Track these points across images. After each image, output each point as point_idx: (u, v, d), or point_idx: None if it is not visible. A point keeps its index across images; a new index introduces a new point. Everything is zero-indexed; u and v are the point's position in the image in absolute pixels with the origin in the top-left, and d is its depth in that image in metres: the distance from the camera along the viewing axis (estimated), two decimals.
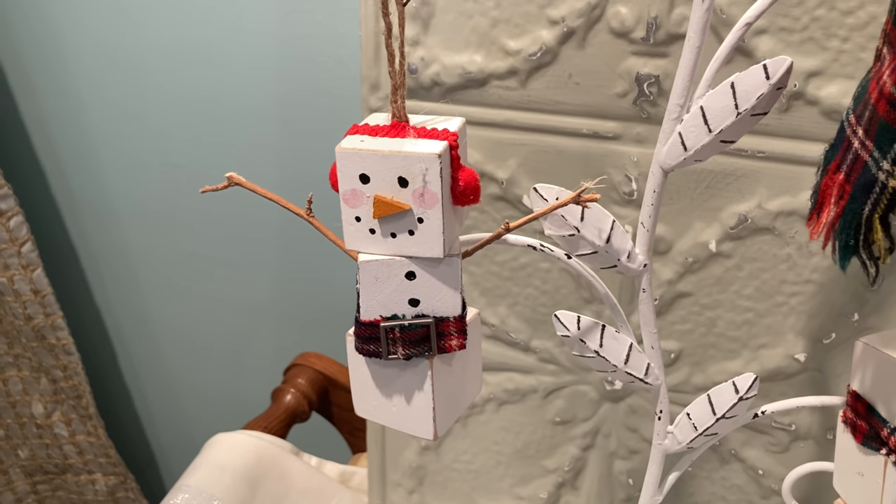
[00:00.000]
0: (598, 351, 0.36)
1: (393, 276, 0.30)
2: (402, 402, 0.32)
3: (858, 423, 0.35)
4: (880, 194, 0.27)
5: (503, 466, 0.58)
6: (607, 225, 0.33)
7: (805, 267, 0.46)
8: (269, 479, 0.62)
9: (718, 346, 0.49)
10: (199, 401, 0.95)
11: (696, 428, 0.38)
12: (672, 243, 0.48)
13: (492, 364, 0.55)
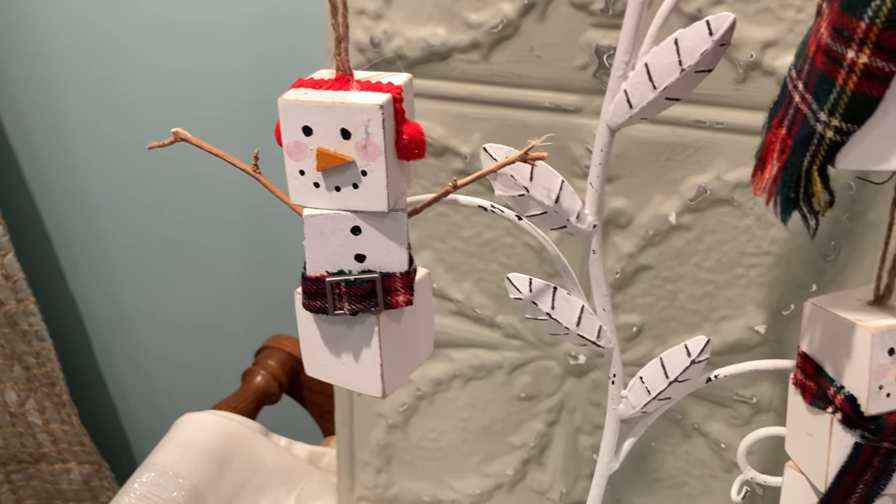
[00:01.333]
0: (549, 313, 0.36)
1: (338, 230, 0.30)
2: (350, 359, 0.32)
3: (807, 384, 0.36)
4: (818, 146, 0.28)
5: (470, 444, 0.58)
6: (556, 185, 0.33)
7: (764, 238, 0.46)
8: (237, 458, 0.62)
9: (680, 320, 0.50)
10: (174, 386, 0.94)
11: (650, 392, 0.38)
12: (633, 216, 0.48)
13: (457, 340, 0.56)
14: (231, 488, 0.61)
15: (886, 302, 0.34)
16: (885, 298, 0.34)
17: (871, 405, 0.33)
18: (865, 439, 0.34)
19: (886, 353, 0.33)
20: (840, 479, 0.35)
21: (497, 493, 0.59)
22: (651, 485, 0.55)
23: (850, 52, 0.26)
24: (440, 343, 0.56)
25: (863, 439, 0.34)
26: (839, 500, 0.35)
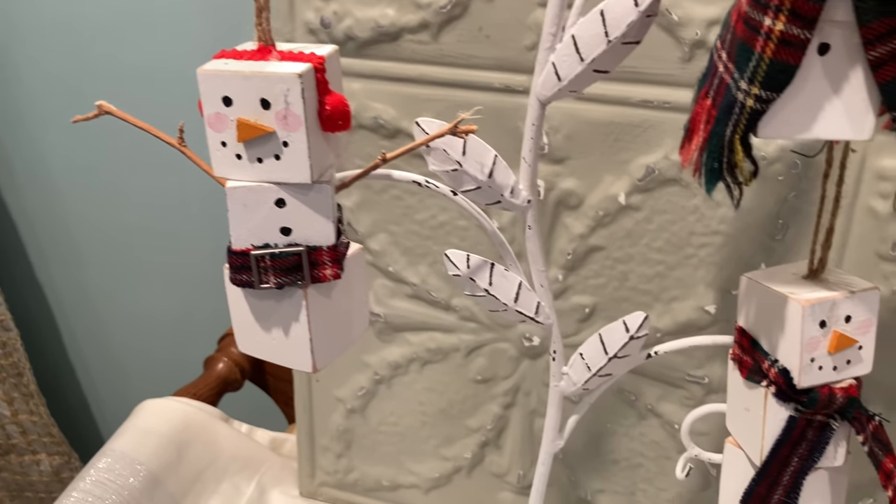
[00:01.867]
0: (487, 289, 0.36)
1: (262, 203, 0.30)
2: (280, 334, 0.32)
3: (744, 359, 0.36)
4: (739, 114, 0.28)
5: (428, 427, 0.58)
6: (489, 159, 0.33)
7: (712, 218, 0.46)
8: (196, 444, 0.62)
9: (631, 300, 0.50)
10: (144, 374, 0.94)
11: (590, 368, 0.38)
12: (583, 197, 0.48)
13: (414, 324, 0.55)
14: (190, 474, 0.60)
15: (820, 276, 0.34)
16: (819, 272, 0.34)
17: (803, 378, 0.33)
18: (799, 412, 0.34)
19: (818, 326, 0.33)
20: (775, 453, 0.35)
21: (456, 476, 0.59)
22: (608, 467, 0.55)
23: (767, 19, 0.26)
24: (398, 327, 0.56)
25: (796, 412, 0.34)
26: (774, 474, 0.35)
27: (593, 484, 0.56)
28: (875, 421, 0.35)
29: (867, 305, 0.33)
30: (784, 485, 0.35)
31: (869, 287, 0.33)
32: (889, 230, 0.43)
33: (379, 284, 0.55)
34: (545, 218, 0.49)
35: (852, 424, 0.34)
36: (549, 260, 0.50)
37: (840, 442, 0.35)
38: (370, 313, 0.56)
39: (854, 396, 0.34)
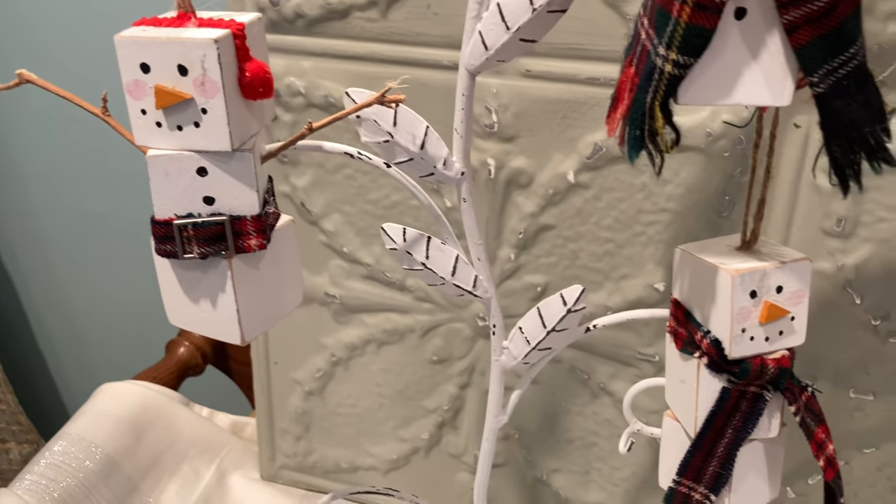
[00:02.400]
0: (424, 263, 0.36)
1: (184, 171, 0.29)
2: (208, 305, 0.32)
3: (679, 331, 0.36)
4: (659, 80, 0.28)
5: (386, 409, 0.58)
6: (421, 130, 0.33)
7: (660, 195, 0.46)
8: (154, 427, 0.61)
9: (582, 279, 0.50)
10: (113, 361, 0.93)
11: (529, 342, 0.38)
12: (533, 176, 0.48)
13: (370, 305, 0.55)
14: (148, 457, 0.60)
15: (752, 247, 0.34)
16: (752, 243, 0.34)
17: (734, 348, 0.33)
18: (732, 383, 0.34)
19: (748, 296, 0.33)
20: (709, 424, 0.35)
21: (414, 457, 0.59)
22: (562, 446, 0.55)
23: None
24: (353, 308, 0.56)
25: (729, 384, 0.34)
26: (708, 445, 0.35)
27: (549, 463, 0.56)
28: (808, 392, 0.35)
29: (798, 276, 0.33)
30: (719, 456, 0.35)
31: (800, 257, 0.34)
32: (833, 206, 0.43)
33: (334, 265, 0.55)
34: (496, 197, 0.49)
35: (784, 395, 0.34)
36: (501, 239, 0.50)
37: (774, 413, 0.35)
38: (325, 294, 0.55)
39: (786, 367, 0.34)
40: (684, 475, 0.36)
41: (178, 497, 0.60)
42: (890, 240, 0.43)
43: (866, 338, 0.46)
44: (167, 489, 0.60)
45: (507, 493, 0.58)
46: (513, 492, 0.58)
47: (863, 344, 0.46)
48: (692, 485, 0.36)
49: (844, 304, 0.45)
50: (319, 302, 0.56)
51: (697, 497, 0.36)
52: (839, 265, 0.44)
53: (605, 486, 0.55)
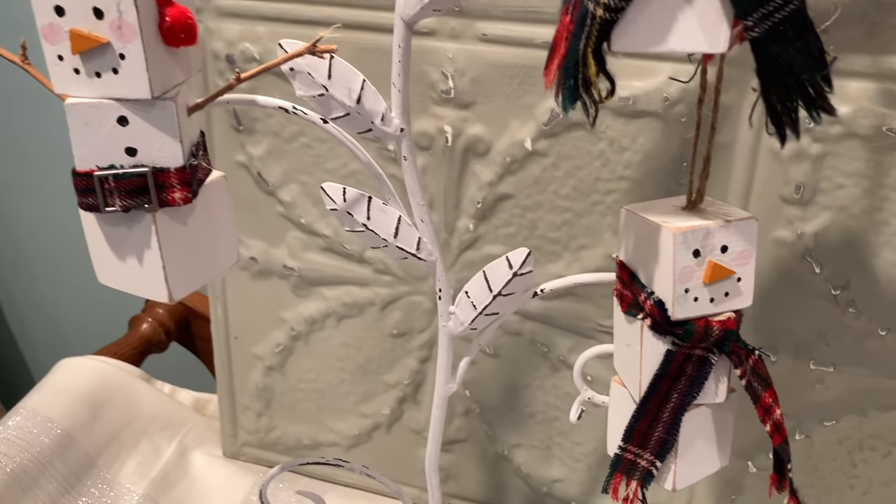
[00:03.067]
0: (366, 224, 0.35)
1: (104, 120, 0.28)
2: (135, 262, 0.31)
3: (624, 293, 0.35)
4: (591, 26, 0.27)
5: (347, 384, 0.58)
6: (357, 84, 0.32)
7: (618, 163, 0.45)
8: (113, 403, 0.61)
9: (541, 249, 0.49)
10: (85, 340, 0.92)
11: (476, 307, 0.37)
12: (491, 143, 0.47)
13: (328, 277, 0.54)
14: (106, 433, 0.59)
15: (698, 206, 0.34)
16: (697, 203, 0.34)
17: (677, 309, 0.32)
18: (676, 346, 0.33)
19: (691, 255, 0.32)
20: (654, 388, 0.34)
21: (375, 433, 0.59)
22: (524, 421, 0.54)
23: None
24: (313, 281, 0.55)
25: (674, 346, 0.33)
26: (654, 410, 0.34)
27: (510, 438, 0.55)
28: (755, 355, 0.34)
29: (744, 235, 0.32)
30: (664, 421, 0.34)
31: (746, 217, 0.33)
32: (792, 172, 0.43)
33: (292, 237, 0.54)
34: (454, 166, 0.48)
35: (730, 358, 0.33)
36: (460, 210, 0.49)
37: (721, 377, 0.34)
38: (284, 267, 0.55)
39: (731, 329, 0.33)
40: (630, 441, 0.35)
41: (137, 473, 0.59)
42: (849, 207, 0.43)
43: (826, 308, 0.45)
44: (126, 465, 0.59)
45: (469, 470, 0.57)
46: (475, 468, 0.57)
47: (823, 314, 0.45)
48: (638, 451, 0.35)
49: (804, 273, 0.45)
50: (278, 275, 0.55)
51: (643, 463, 0.35)
52: (798, 233, 0.44)
53: (566, 461, 0.54)
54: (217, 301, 0.58)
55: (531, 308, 0.51)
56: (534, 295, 0.38)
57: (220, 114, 0.52)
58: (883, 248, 0.43)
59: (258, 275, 0.56)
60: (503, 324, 0.52)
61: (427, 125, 0.48)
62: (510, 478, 0.56)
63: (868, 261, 0.44)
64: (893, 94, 0.40)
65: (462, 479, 0.58)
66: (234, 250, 0.34)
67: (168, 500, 0.59)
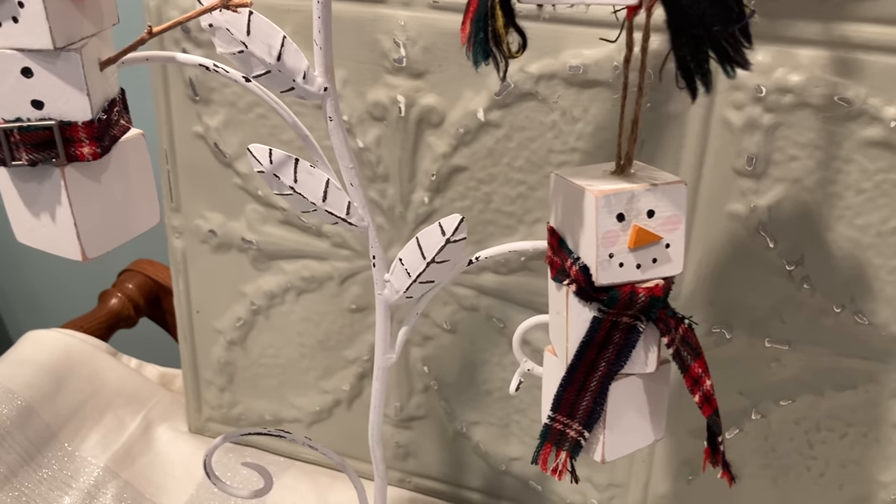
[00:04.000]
0: (293, 187, 0.35)
1: (7, 71, 0.28)
2: (48, 219, 0.30)
3: (554, 260, 0.34)
4: None
5: (307, 359, 0.57)
6: (277, 41, 0.32)
7: (570, 134, 0.45)
8: (76, 376, 0.60)
9: (497, 223, 0.48)
10: (58, 315, 0.93)
11: (410, 274, 0.37)
12: (444, 114, 0.47)
13: (287, 251, 0.54)
14: (69, 406, 0.59)
15: (627, 171, 0.33)
16: (626, 167, 0.33)
17: (601, 275, 0.32)
18: (602, 313, 0.32)
19: (615, 219, 0.31)
20: (581, 356, 0.33)
21: (336, 410, 0.58)
22: (482, 398, 0.54)
23: None
24: (271, 255, 0.55)
25: (600, 313, 0.32)
26: (581, 378, 0.34)
27: (468, 416, 0.54)
28: (685, 324, 0.33)
29: (672, 200, 0.32)
30: (592, 390, 0.34)
31: (674, 180, 0.32)
32: (744, 143, 0.42)
33: (250, 210, 0.54)
34: (408, 137, 0.48)
35: (657, 326, 0.33)
36: (415, 182, 0.49)
37: (650, 346, 0.33)
38: (243, 240, 0.54)
39: (658, 296, 0.32)
40: (558, 411, 0.35)
41: (100, 446, 0.59)
42: (802, 179, 0.42)
43: (781, 283, 0.44)
44: (88, 438, 0.59)
45: (428, 447, 0.57)
46: (434, 446, 0.57)
47: (778, 290, 0.44)
48: (567, 421, 0.34)
49: (758, 248, 0.44)
50: (237, 248, 0.55)
51: (572, 434, 0.34)
52: (752, 206, 0.43)
53: (524, 439, 0.54)
54: (179, 274, 0.58)
55: (486, 283, 0.50)
56: (469, 263, 0.37)
57: (177, 84, 0.51)
58: (837, 223, 0.42)
59: (218, 248, 0.55)
60: (458, 299, 0.51)
61: (380, 95, 0.47)
62: (469, 456, 0.56)
63: (822, 235, 0.43)
64: (846, 63, 0.39)
65: (422, 457, 0.57)
66: (154, 210, 0.33)
67: (130, 473, 0.58)
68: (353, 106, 0.48)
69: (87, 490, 0.56)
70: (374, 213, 0.51)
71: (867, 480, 0.47)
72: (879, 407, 0.45)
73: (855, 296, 0.43)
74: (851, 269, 0.43)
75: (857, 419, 0.46)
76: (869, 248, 0.42)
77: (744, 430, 0.48)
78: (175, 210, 0.55)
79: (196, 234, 0.56)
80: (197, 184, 0.54)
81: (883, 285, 0.43)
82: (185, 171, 0.54)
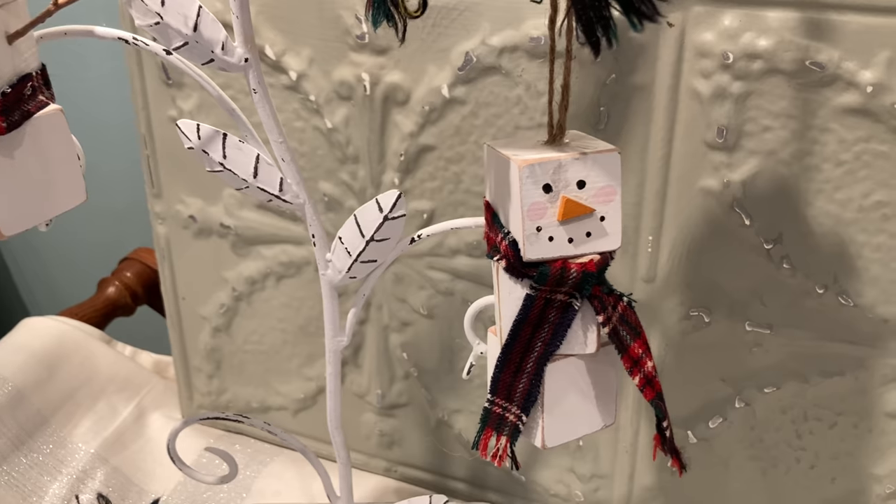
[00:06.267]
0: (222, 163, 0.34)
1: None
2: None
3: (489, 236, 0.33)
4: None
5: (290, 346, 0.57)
6: (193, 11, 0.31)
7: (536, 109, 0.43)
8: (69, 363, 0.61)
9: (467, 204, 0.47)
10: (56, 302, 0.94)
11: (350, 253, 0.36)
12: (410, 92, 0.45)
13: (265, 236, 0.53)
14: (61, 392, 0.60)
15: (559, 140, 0.31)
16: (558, 136, 0.31)
17: (528, 249, 0.30)
18: (535, 290, 0.31)
19: (540, 190, 0.30)
20: (515, 335, 0.32)
21: (320, 396, 0.57)
22: (462, 385, 0.52)
23: None
24: (250, 240, 0.54)
25: (532, 290, 0.31)
26: (517, 359, 0.32)
27: (450, 403, 0.53)
28: (623, 302, 0.31)
29: (604, 169, 0.30)
30: (528, 372, 0.32)
31: (606, 148, 0.30)
32: (713, 114, 0.39)
33: (227, 194, 0.53)
34: (375, 116, 0.47)
35: (591, 303, 0.31)
36: (385, 163, 0.48)
37: (589, 326, 0.32)
38: (221, 225, 0.54)
39: (591, 272, 0.30)
40: (496, 393, 0.33)
41: (91, 432, 0.59)
42: (777, 152, 0.39)
43: (760, 263, 0.42)
44: (80, 424, 0.60)
45: (411, 436, 0.56)
46: (417, 434, 0.55)
47: (756, 270, 0.42)
48: (505, 404, 0.33)
49: (734, 225, 0.41)
50: (217, 234, 0.55)
51: (511, 418, 0.33)
52: (725, 182, 0.41)
53: None
54: (164, 261, 0.57)
55: (460, 266, 0.49)
56: (411, 241, 0.36)
57: (150, 68, 0.51)
58: (816, 197, 0.39)
59: (198, 234, 0.55)
60: (434, 283, 0.50)
61: (346, 73, 0.46)
62: (452, 444, 0.55)
63: (801, 211, 0.40)
64: (817, 25, 0.37)
65: (406, 446, 0.56)
66: (80, 189, 0.33)
67: (119, 459, 0.59)
68: (319, 86, 0.47)
69: (75, 475, 0.56)
70: (347, 197, 0.50)
71: (860, 473, 0.44)
72: (869, 395, 0.42)
73: (838, 275, 0.41)
74: (833, 247, 0.40)
75: (846, 408, 0.43)
76: (851, 224, 0.39)
77: (728, 419, 0.46)
78: (156, 196, 0.55)
79: (177, 220, 0.55)
80: (176, 169, 0.54)
81: (867, 264, 0.40)
82: (164, 156, 0.54)
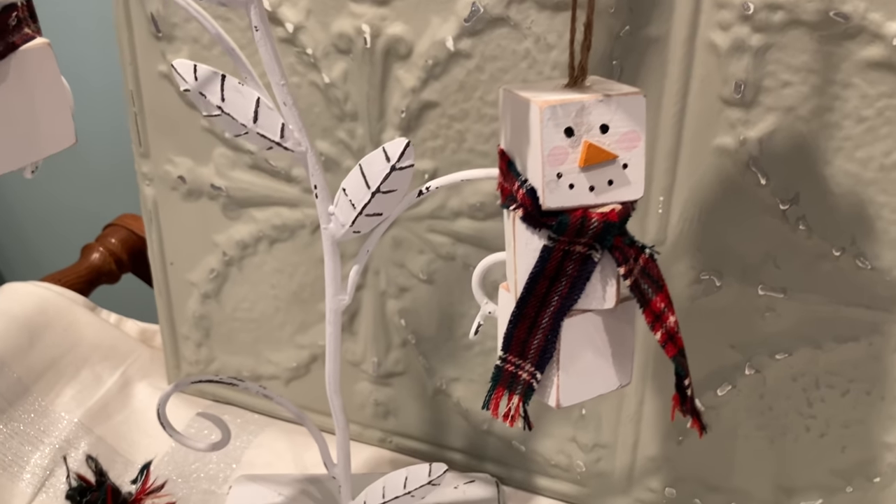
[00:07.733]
0: (220, 106, 0.32)
1: None
2: None
3: (504, 185, 0.31)
4: None
5: (282, 313, 0.55)
6: None
7: (545, 63, 0.41)
8: (51, 329, 0.59)
9: (471, 164, 0.45)
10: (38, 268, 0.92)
11: (354, 206, 0.34)
12: (412, 45, 0.43)
13: (257, 198, 0.51)
14: (43, 359, 0.58)
15: (581, 83, 0.29)
16: (580, 79, 0.29)
17: (548, 197, 0.28)
18: (553, 241, 0.29)
19: (563, 134, 0.28)
20: (530, 289, 0.30)
21: (314, 366, 0.56)
22: (461, 353, 0.51)
23: None
24: (241, 202, 0.52)
25: (550, 241, 0.29)
26: (532, 314, 0.30)
27: (448, 372, 0.52)
28: (646, 254, 0.30)
29: (628, 113, 0.28)
30: (543, 327, 0.31)
31: (631, 91, 0.28)
32: (731, 69, 0.38)
33: (218, 154, 0.51)
34: (375, 70, 0.45)
35: (613, 255, 0.29)
36: (385, 121, 0.46)
37: (608, 279, 0.30)
38: (212, 186, 0.52)
39: (613, 222, 0.29)
40: (509, 350, 0.32)
41: (75, 401, 0.57)
42: (796, 108, 0.38)
43: (775, 225, 0.40)
44: (63, 393, 0.58)
45: (408, 405, 0.54)
46: (414, 403, 0.54)
47: (771, 232, 0.41)
48: (518, 361, 0.31)
49: (749, 185, 0.40)
50: (208, 195, 0.53)
51: (524, 376, 0.31)
52: (741, 139, 0.39)
53: None
54: (151, 224, 0.55)
55: (462, 229, 0.47)
56: (419, 194, 0.34)
57: (140, 21, 0.49)
58: (835, 156, 0.38)
59: (188, 195, 0.53)
60: (434, 247, 0.48)
61: (345, 25, 0.44)
62: (450, 414, 0.53)
63: (819, 170, 0.39)
64: None
65: (402, 415, 0.55)
66: (69, 130, 0.31)
67: (104, 429, 0.57)
68: (316, 39, 0.45)
69: (58, 445, 0.54)
70: (345, 156, 0.48)
71: (871, 442, 0.43)
72: (884, 361, 0.41)
73: (856, 237, 0.39)
74: (851, 208, 0.39)
75: (859, 375, 0.42)
76: (871, 184, 0.38)
77: (737, 386, 0.45)
78: (144, 156, 0.53)
79: (166, 181, 0.53)
80: (165, 127, 0.52)
81: (887, 225, 0.39)
82: (152, 113, 0.52)
